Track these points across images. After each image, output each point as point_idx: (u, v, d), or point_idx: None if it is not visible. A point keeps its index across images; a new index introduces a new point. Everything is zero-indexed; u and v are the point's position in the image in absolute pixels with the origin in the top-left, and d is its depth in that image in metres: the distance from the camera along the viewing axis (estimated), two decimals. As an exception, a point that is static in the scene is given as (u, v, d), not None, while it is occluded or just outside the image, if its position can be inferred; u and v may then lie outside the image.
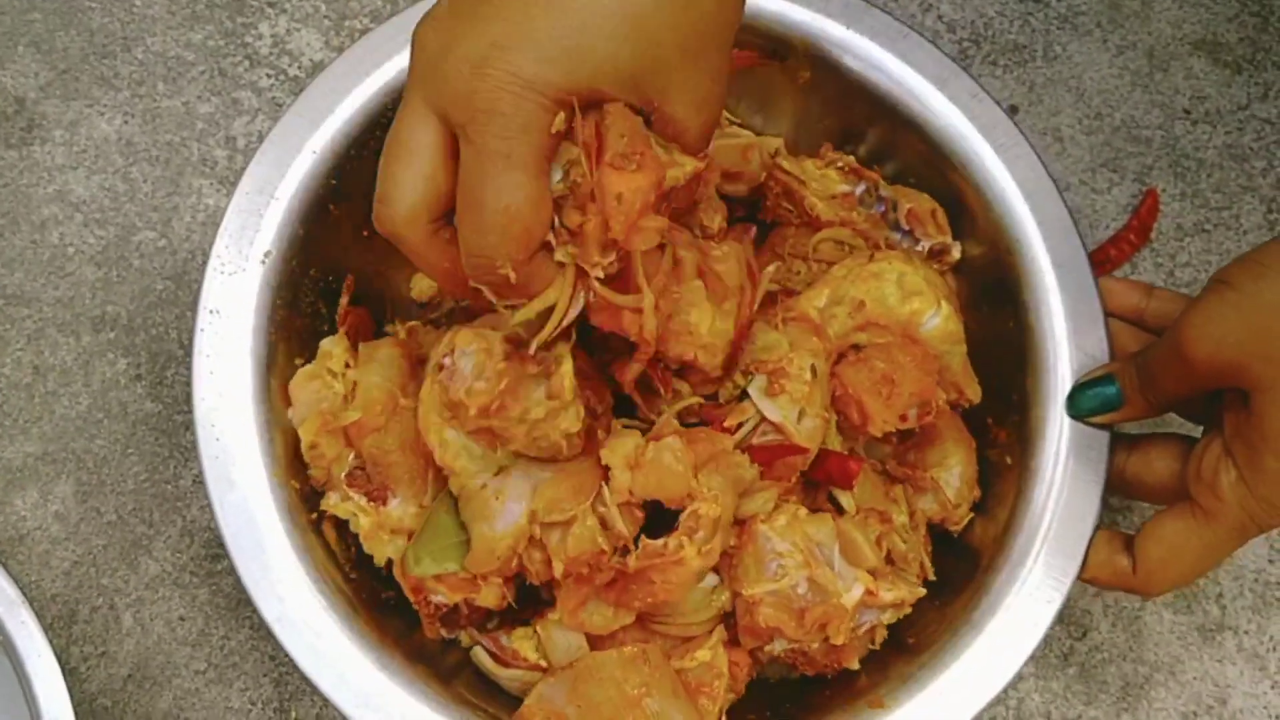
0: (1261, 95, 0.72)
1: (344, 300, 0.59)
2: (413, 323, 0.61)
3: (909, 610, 0.54)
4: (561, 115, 0.42)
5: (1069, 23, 0.73)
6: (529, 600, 0.55)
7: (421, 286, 0.63)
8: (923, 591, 0.54)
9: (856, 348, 0.56)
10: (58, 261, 0.68)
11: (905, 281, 0.55)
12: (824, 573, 0.52)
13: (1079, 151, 0.71)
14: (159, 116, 0.71)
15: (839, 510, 0.55)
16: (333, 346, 0.57)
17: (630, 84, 0.44)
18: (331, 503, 0.56)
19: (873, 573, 0.52)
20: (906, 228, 0.59)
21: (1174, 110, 0.72)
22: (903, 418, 0.56)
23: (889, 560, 0.55)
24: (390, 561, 0.56)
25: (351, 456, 0.55)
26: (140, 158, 0.70)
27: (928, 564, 0.56)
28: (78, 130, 0.71)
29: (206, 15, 0.73)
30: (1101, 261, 0.69)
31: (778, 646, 0.53)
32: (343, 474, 0.55)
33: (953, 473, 0.57)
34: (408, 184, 0.44)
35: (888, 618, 0.54)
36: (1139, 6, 0.74)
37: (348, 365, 0.56)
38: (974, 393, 0.57)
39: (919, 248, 0.59)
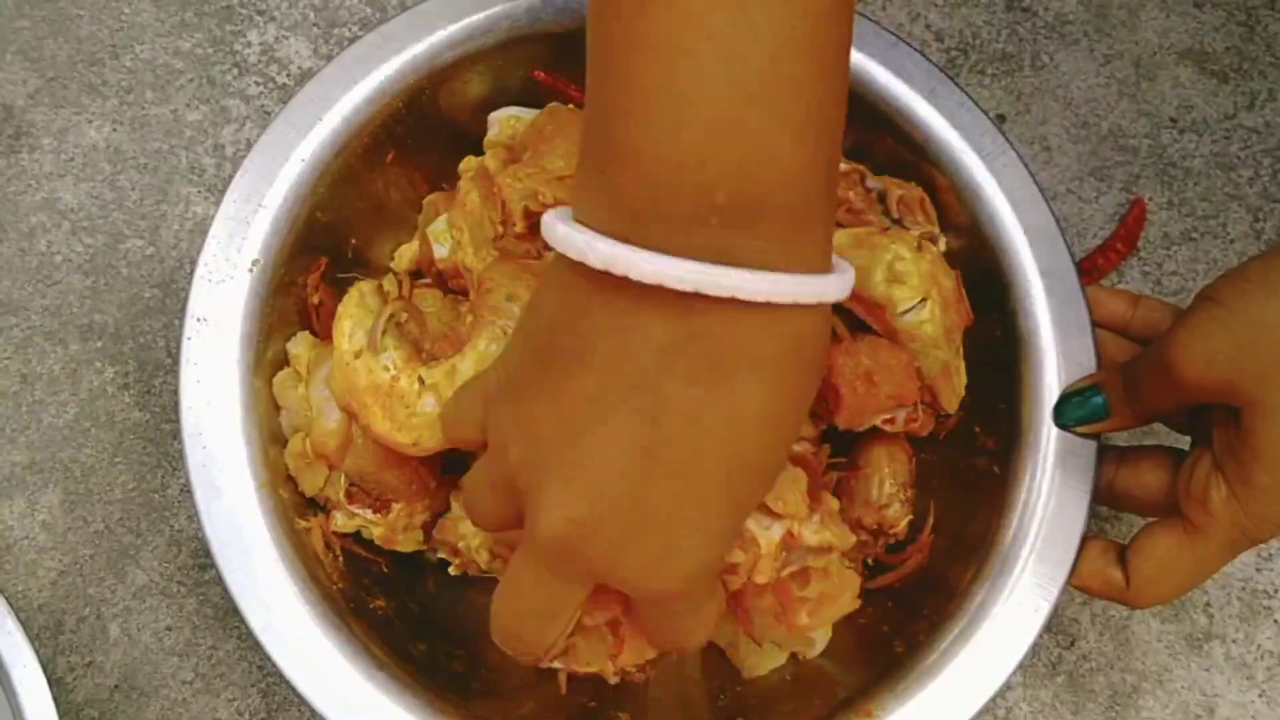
0: (1248, 104, 0.72)
1: (314, 277, 0.59)
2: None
3: (833, 556, 0.52)
4: None
5: (1056, 32, 0.74)
6: None
7: (404, 258, 0.63)
8: (853, 538, 0.52)
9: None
10: (45, 270, 0.68)
11: (895, 266, 0.54)
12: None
13: (1066, 160, 0.72)
14: (147, 124, 0.71)
15: None
16: (295, 347, 0.57)
17: None
18: (340, 522, 0.56)
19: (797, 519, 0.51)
20: (896, 216, 0.59)
21: (1161, 119, 0.72)
22: (889, 420, 0.56)
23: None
24: (378, 568, 0.56)
25: (343, 477, 0.55)
26: (128, 165, 0.70)
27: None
28: (66, 138, 0.71)
29: (195, 23, 0.73)
30: (1089, 270, 0.69)
31: None
32: (340, 495, 0.55)
33: (879, 474, 0.57)
34: (551, 637, 0.46)
35: (819, 562, 0.52)
36: (1126, 16, 0.74)
37: (308, 368, 0.56)
38: (948, 402, 0.56)
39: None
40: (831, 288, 0.41)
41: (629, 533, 0.41)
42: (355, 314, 0.53)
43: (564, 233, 0.40)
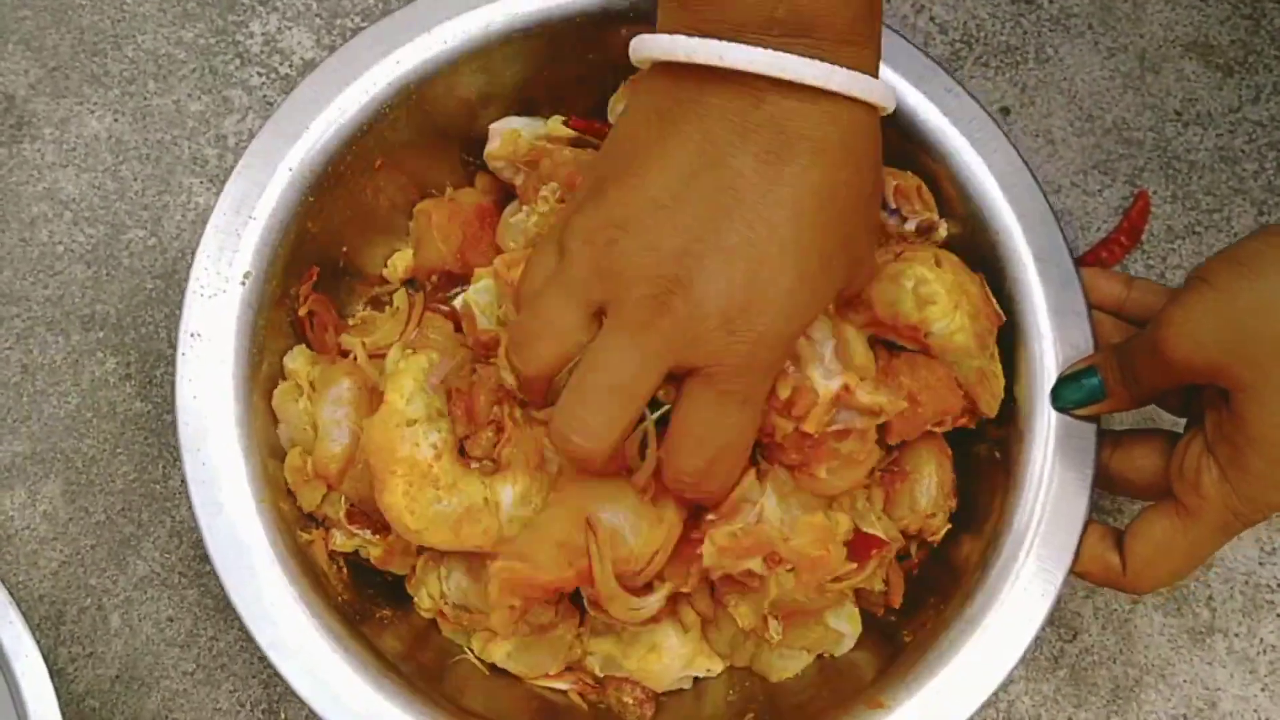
0: (1253, 98, 0.72)
1: (306, 288, 0.59)
2: (365, 313, 0.61)
3: (883, 419, 0.53)
4: None
5: (1061, 24, 0.73)
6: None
7: (398, 267, 0.63)
8: (904, 404, 0.53)
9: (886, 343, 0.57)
10: (47, 260, 0.68)
11: (920, 290, 0.54)
12: (805, 348, 0.51)
13: (1070, 153, 0.71)
14: (149, 115, 0.71)
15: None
16: (293, 362, 0.57)
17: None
18: (339, 541, 0.55)
19: (859, 375, 0.52)
20: (894, 206, 0.58)
21: (1165, 112, 0.72)
22: (938, 423, 0.56)
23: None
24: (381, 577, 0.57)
25: (344, 498, 0.55)
26: (130, 156, 0.70)
27: (896, 583, 0.57)
28: (67, 128, 0.70)
29: (197, 13, 0.73)
30: (1092, 264, 0.69)
31: None
32: (340, 514, 0.55)
33: (926, 482, 0.57)
34: (614, 430, 0.46)
35: (863, 424, 0.52)
36: (1130, 9, 0.74)
37: (313, 386, 0.56)
38: (988, 406, 0.56)
39: (907, 226, 0.58)
40: (878, 88, 0.47)
41: (711, 289, 0.45)
42: (419, 380, 0.53)
43: (651, 38, 0.47)
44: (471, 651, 0.57)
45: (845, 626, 0.57)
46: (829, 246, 0.46)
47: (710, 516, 0.52)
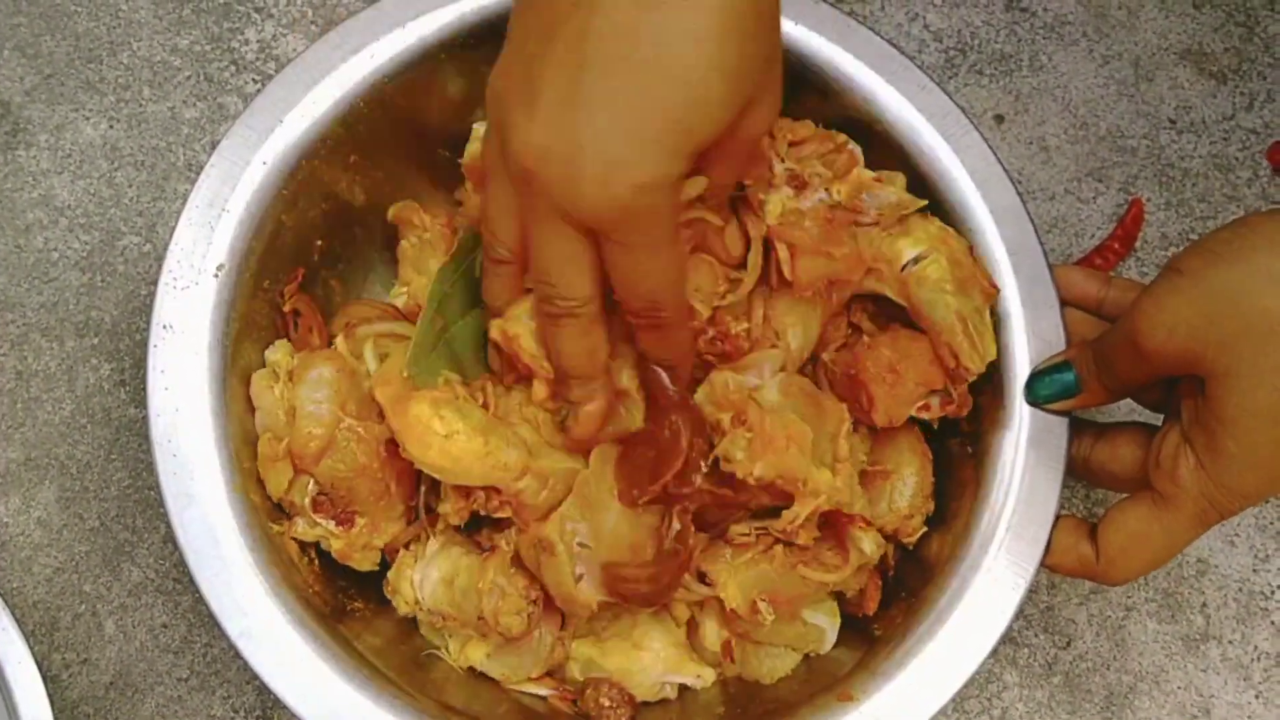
0: (1246, 105, 0.72)
1: (292, 287, 0.59)
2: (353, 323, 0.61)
3: (907, 211, 0.55)
4: (688, 180, 0.48)
5: (1055, 32, 0.74)
6: None
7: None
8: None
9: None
10: (42, 266, 0.68)
11: (894, 228, 0.55)
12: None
13: (1065, 161, 0.72)
14: (144, 121, 0.71)
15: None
16: (274, 354, 0.57)
17: (727, 129, 0.47)
18: (300, 529, 0.55)
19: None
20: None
21: (1159, 120, 0.72)
22: (924, 407, 0.55)
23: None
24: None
25: (311, 484, 0.55)
26: (125, 162, 0.70)
27: (872, 592, 0.57)
28: (63, 135, 0.70)
29: (193, 20, 0.73)
30: (1087, 271, 0.69)
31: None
32: (306, 501, 0.55)
33: (906, 483, 0.57)
34: (584, 285, 0.49)
35: (893, 207, 0.54)
36: (1125, 16, 0.74)
37: (291, 375, 0.55)
38: (972, 359, 0.54)
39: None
40: None
41: (576, 149, 0.45)
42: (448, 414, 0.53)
43: None
44: (447, 653, 0.57)
45: (824, 620, 0.57)
46: (698, 86, 0.45)
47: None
